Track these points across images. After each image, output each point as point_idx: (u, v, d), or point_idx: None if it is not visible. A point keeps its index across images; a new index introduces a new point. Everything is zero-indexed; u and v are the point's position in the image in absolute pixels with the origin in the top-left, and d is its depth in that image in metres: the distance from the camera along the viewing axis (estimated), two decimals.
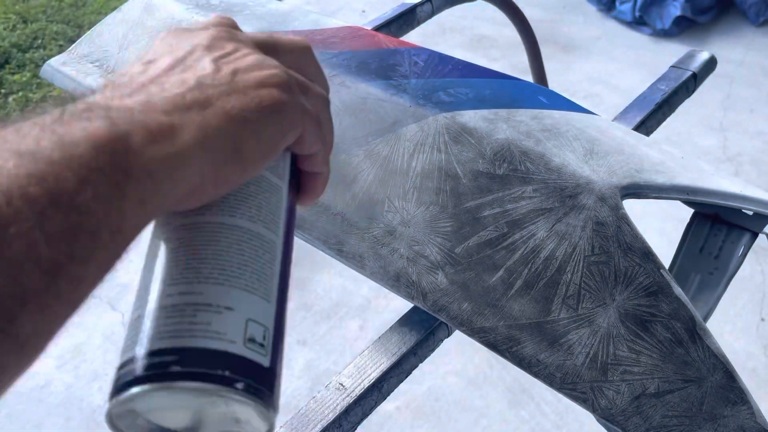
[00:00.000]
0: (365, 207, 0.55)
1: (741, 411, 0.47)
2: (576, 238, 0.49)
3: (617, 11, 2.55)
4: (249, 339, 0.25)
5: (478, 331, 0.49)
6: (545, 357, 0.48)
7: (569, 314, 0.48)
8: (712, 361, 0.47)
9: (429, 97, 0.59)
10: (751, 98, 2.15)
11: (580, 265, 0.49)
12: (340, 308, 1.47)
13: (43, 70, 0.74)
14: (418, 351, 0.54)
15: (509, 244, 0.50)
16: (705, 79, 0.85)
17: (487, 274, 0.50)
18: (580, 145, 0.55)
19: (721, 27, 2.51)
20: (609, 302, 0.48)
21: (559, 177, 0.52)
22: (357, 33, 0.70)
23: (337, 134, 0.59)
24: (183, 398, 0.25)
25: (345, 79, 0.62)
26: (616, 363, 0.47)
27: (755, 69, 2.29)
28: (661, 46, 2.42)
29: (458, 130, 0.55)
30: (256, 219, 0.29)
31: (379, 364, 0.52)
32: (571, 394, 0.47)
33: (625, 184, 0.52)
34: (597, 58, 2.37)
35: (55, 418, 1.28)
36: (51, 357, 1.37)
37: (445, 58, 0.66)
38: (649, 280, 0.48)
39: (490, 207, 0.52)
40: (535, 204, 0.51)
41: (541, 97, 0.62)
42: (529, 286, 0.49)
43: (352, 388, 0.50)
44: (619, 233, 0.50)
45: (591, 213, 0.50)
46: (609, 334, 0.47)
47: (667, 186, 0.54)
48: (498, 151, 0.54)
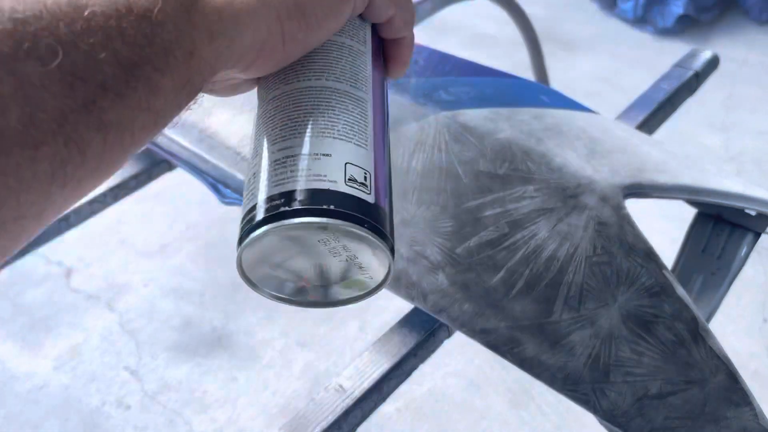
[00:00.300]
0: None
1: (744, 413, 0.46)
2: (578, 239, 0.49)
3: (619, 9, 2.55)
4: (349, 179, 0.27)
5: (479, 332, 0.49)
6: (547, 358, 0.47)
7: (571, 315, 0.47)
8: (715, 362, 0.47)
9: (430, 96, 0.58)
10: (753, 97, 2.14)
11: (582, 266, 0.48)
12: (339, 309, 1.47)
13: None
14: (419, 352, 0.53)
15: (510, 245, 0.50)
16: (707, 78, 0.84)
17: (488, 274, 0.49)
18: (582, 145, 0.55)
19: (724, 25, 2.51)
20: (611, 303, 0.47)
21: (560, 176, 0.51)
22: None
23: None
24: (295, 236, 0.27)
25: None
26: (619, 364, 0.47)
27: (758, 68, 2.28)
28: (663, 44, 2.41)
29: (459, 129, 0.55)
30: (342, 79, 0.31)
31: (379, 365, 0.52)
32: (573, 395, 0.47)
33: (627, 184, 0.52)
34: (599, 57, 2.37)
35: (52, 419, 1.27)
36: (48, 358, 1.37)
37: (445, 56, 0.66)
38: (651, 280, 0.48)
39: (491, 207, 0.51)
40: (537, 204, 0.50)
41: (543, 96, 0.61)
42: (531, 286, 0.48)
43: (352, 390, 0.50)
44: (621, 233, 0.49)
45: (593, 213, 0.50)
46: (611, 335, 0.47)
47: (669, 186, 0.53)
48: (499, 151, 0.53)
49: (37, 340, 1.41)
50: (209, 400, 1.29)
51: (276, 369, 1.34)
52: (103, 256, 1.59)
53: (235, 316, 1.45)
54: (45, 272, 1.55)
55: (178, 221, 1.68)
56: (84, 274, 1.55)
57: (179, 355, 1.37)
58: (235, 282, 1.53)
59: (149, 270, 1.56)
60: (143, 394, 1.31)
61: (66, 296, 1.50)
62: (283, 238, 0.27)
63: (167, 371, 1.34)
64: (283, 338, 1.40)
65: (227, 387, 1.31)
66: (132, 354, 1.38)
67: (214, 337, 1.41)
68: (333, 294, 0.31)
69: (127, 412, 1.28)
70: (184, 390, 1.31)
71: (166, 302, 1.48)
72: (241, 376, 1.33)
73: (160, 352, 1.38)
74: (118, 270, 1.56)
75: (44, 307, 1.48)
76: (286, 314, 1.45)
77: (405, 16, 0.34)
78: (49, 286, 1.52)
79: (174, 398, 1.30)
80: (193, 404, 1.29)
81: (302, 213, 0.26)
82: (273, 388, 1.31)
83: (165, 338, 1.40)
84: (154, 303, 1.48)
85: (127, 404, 1.29)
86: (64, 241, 1.45)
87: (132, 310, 1.46)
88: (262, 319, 1.44)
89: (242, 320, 1.44)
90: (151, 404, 1.29)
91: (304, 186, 0.27)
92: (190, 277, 1.54)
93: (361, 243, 0.27)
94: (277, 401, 1.29)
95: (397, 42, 0.35)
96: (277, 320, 1.44)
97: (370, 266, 0.29)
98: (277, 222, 0.26)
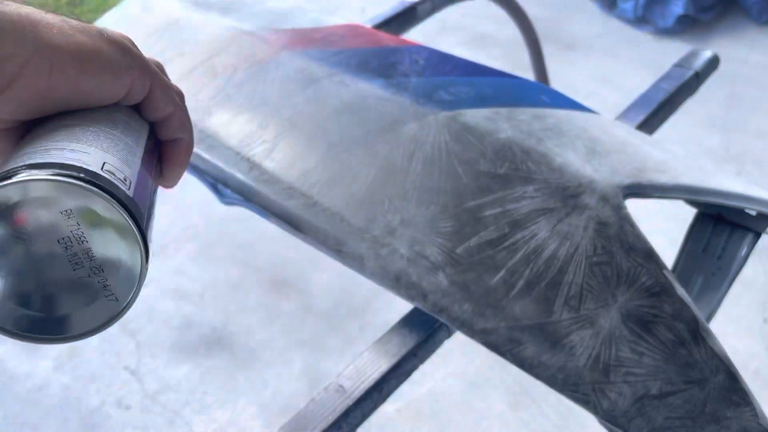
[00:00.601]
0: (365, 207, 0.54)
1: (744, 412, 0.46)
2: (578, 239, 0.49)
3: (619, 9, 2.54)
4: (106, 170, 0.25)
5: (479, 332, 0.49)
6: (547, 358, 0.47)
7: (571, 315, 0.47)
8: (715, 362, 0.47)
9: (430, 96, 0.58)
10: (754, 97, 2.14)
11: (582, 266, 0.48)
12: (339, 309, 1.47)
13: None
14: (419, 352, 0.53)
15: (510, 245, 0.50)
16: (707, 78, 0.84)
17: (489, 274, 0.49)
18: (582, 145, 0.55)
19: (724, 25, 2.51)
20: (611, 303, 0.47)
21: (561, 176, 0.51)
22: (357, 31, 0.69)
23: (337, 133, 0.59)
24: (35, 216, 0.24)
25: (345, 78, 0.62)
26: (619, 364, 0.46)
27: (758, 68, 2.28)
28: (663, 44, 2.41)
29: (459, 129, 0.55)
30: (110, 150, 0.28)
31: (378, 365, 0.52)
32: (573, 395, 0.47)
33: (627, 184, 0.52)
34: (599, 57, 2.37)
35: (52, 419, 1.27)
36: (48, 358, 1.37)
37: (446, 56, 0.66)
38: (651, 280, 0.48)
39: (492, 207, 0.51)
40: (537, 204, 0.50)
41: (543, 96, 0.61)
42: (531, 286, 0.48)
43: (352, 390, 0.50)
44: (622, 233, 0.49)
45: (593, 213, 0.50)
46: (611, 335, 0.47)
47: (669, 186, 0.53)
48: (499, 151, 0.53)
49: None
50: (209, 400, 1.29)
51: (276, 369, 1.34)
52: None
53: (235, 316, 1.45)
54: None
55: (178, 221, 1.68)
56: None
57: (179, 355, 1.37)
58: (235, 282, 1.53)
59: (149, 270, 1.56)
60: (143, 394, 1.31)
61: None
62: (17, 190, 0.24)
63: (167, 371, 1.34)
64: (283, 338, 1.40)
65: (227, 387, 1.31)
66: (132, 354, 1.38)
67: (214, 337, 1.41)
68: (67, 324, 0.27)
69: (127, 412, 1.28)
70: (184, 390, 1.31)
71: (166, 302, 1.48)
72: (241, 376, 1.33)
73: (160, 352, 1.38)
74: None
75: None
76: (286, 314, 1.45)
77: (183, 118, 0.34)
78: None
79: (174, 398, 1.30)
80: (193, 404, 1.29)
81: (45, 167, 0.24)
82: (273, 388, 1.31)
83: (165, 338, 1.40)
84: (154, 303, 1.48)
85: (127, 404, 1.29)
86: None
87: (132, 311, 1.46)
88: (262, 319, 1.44)
89: (242, 320, 1.44)
90: (151, 404, 1.29)
91: (57, 160, 0.25)
92: (190, 277, 1.54)
93: (107, 229, 0.25)
94: (277, 401, 1.29)
95: (175, 143, 0.34)
96: (277, 320, 1.44)
97: (116, 278, 0.26)
98: (10, 179, 0.24)
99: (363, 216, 0.54)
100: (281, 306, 1.47)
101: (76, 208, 0.24)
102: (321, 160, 0.57)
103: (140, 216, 0.26)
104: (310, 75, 0.63)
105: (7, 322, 0.26)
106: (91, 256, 0.25)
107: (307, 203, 0.55)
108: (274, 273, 1.55)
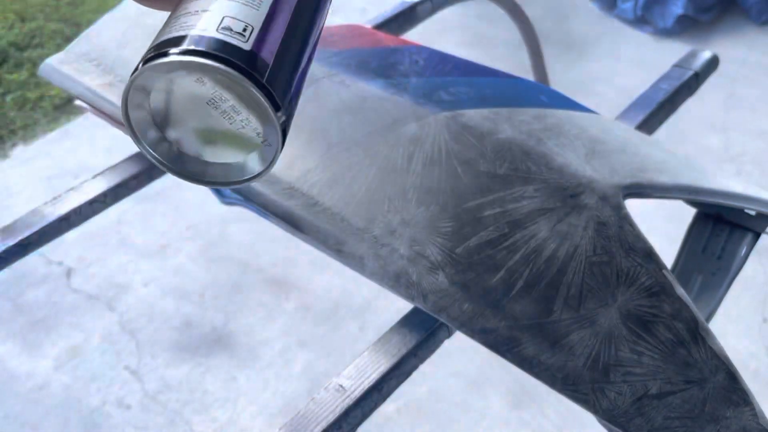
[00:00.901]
0: (365, 207, 0.54)
1: (744, 412, 0.46)
2: (578, 239, 0.49)
3: (619, 10, 2.55)
4: (223, 27, 0.26)
5: (479, 332, 0.49)
6: (547, 358, 0.47)
7: (571, 315, 0.47)
8: (715, 362, 0.47)
9: (429, 96, 0.58)
10: (753, 98, 2.14)
11: (582, 266, 0.48)
12: (339, 309, 1.47)
13: (41, 69, 0.74)
14: (419, 352, 0.53)
15: (510, 245, 0.50)
16: (707, 79, 0.84)
17: (488, 274, 0.49)
18: (581, 145, 0.55)
19: (723, 26, 2.51)
20: (611, 303, 0.47)
21: (560, 176, 0.51)
22: (357, 31, 0.70)
23: (337, 133, 0.59)
24: (174, 87, 0.26)
25: (345, 78, 0.62)
26: (618, 364, 0.47)
27: (757, 68, 2.28)
28: (662, 44, 2.41)
29: (459, 129, 0.55)
30: None
31: (378, 365, 0.52)
32: (573, 395, 0.47)
33: (627, 184, 0.52)
34: (598, 57, 2.37)
35: (52, 419, 1.27)
36: (48, 358, 1.37)
37: (445, 56, 0.66)
38: (651, 280, 0.48)
39: (491, 207, 0.51)
40: (537, 204, 0.50)
41: (543, 96, 0.61)
42: (531, 286, 0.48)
43: (352, 390, 0.50)
44: (621, 233, 0.49)
45: (593, 213, 0.50)
46: (611, 335, 0.47)
47: (669, 186, 0.53)
48: (499, 151, 0.53)
49: (37, 340, 1.41)
50: (209, 400, 1.29)
51: (276, 369, 1.35)
52: (103, 256, 1.60)
53: (235, 316, 1.45)
54: (45, 272, 1.55)
55: (178, 221, 1.68)
56: (84, 274, 1.55)
57: (179, 355, 1.37)
58: (236, 282, 1.53)
59: (149, 270, 1.56)
60: (143, 394, 1.31)
61: (66, 296, 1.50)
62: (153, 76, 0.26)
63: (167, 371, 1.34)
64: (283, 338, 1.40)
65: (227, 387, 1.31)
66: (132, 354, 1.38)
67: (214, 337, 1.41)
68: (212, 171, 0.30)
69: (128, 412, 1.28)
70: (184, 390, 1.31)
71: (166, 302, 1.48)
72: (241, 376, 1.33)
73: (161, 352, 1.38)
74: (118, 270, 1.56)
75: (44, 307, 1.48)
76: (286, 314, 1.45)
77: None
78: (49, 286, 1.52)
79: (174, 398, 1.30)
80: (193, 404, 1.29)
81: (163, 55, 0.25)
82: (273, 388, 1.31)
83: (165, 338, 1.40)
84: (154, 303, 1.48)
85: (127, 404, 1.29)
86: (64, 241, 1.45)
87: (132, 310, 1.46)
88: (262, 319, 1.44)
89: (242, 320, 1.44)
90: (152, 404, 1.29)
91: (171, 35, 0.26)
92: (190, 277, 1.54)
93: (236, 87, 0.26)
94: (277, 401, 1.29)
95: None
96: (277, 320, 1.44)
97: (264, 126, 0.27)
98: (146, 65, 0.25)
99: (363, 216, 0.54)
100: (281, 306, 1.47)
101: (202, 77, 0.26)
102: (321, 160, 0.57)
103: (262, 65, 0.26)
104: (310, 75, 0.63)
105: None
106: (237, 110, 0.27)
107: (307, 203, 0.55)
108: (274, 273, 1.55)
